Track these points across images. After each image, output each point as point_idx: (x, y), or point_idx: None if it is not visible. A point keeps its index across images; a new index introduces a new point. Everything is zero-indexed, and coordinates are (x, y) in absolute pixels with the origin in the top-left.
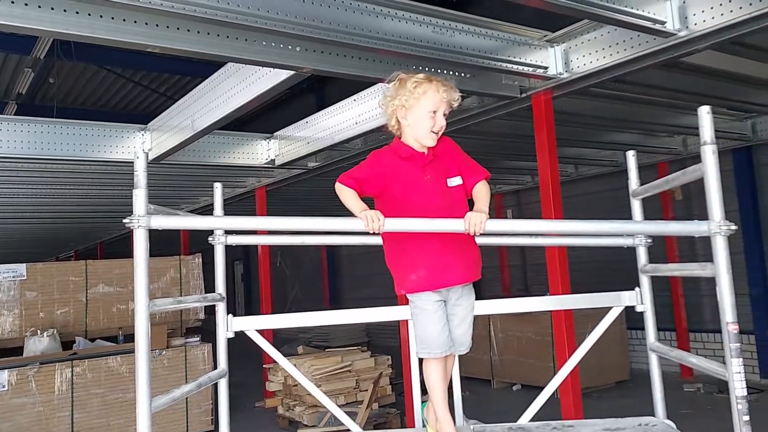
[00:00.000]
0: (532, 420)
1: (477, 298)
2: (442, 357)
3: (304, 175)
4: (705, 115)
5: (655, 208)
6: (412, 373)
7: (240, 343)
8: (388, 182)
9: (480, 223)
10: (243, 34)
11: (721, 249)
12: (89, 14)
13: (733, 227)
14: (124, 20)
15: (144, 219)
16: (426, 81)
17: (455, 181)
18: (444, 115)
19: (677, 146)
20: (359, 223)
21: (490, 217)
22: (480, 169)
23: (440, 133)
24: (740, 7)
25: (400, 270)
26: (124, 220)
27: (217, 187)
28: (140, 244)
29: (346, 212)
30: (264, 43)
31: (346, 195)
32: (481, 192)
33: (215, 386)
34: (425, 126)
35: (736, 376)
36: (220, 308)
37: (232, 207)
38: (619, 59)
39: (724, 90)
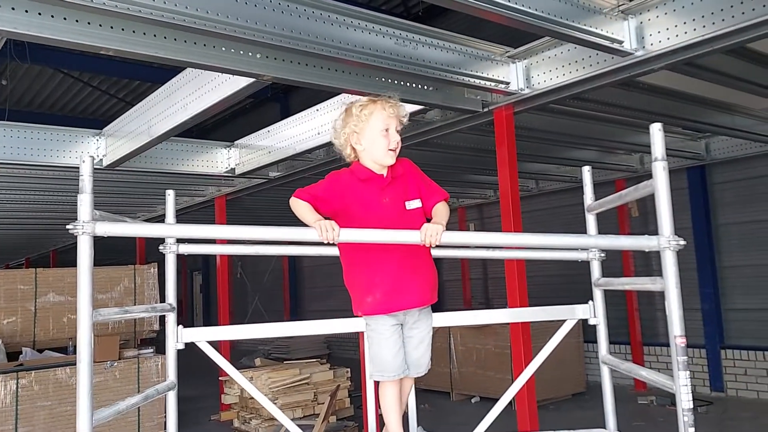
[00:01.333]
0: None
1: (438, 311)
2: (396, 380)
3: (266, 185)
4: (656, 132)
5: (612, 225)
6: (368, 386)
7: (199, 355)
8: (345, 203)
9: (436, 234)
10: (201, 39)
11: (670, 263)
12: (39, 13)
13: (682, 242)
14: (76, 21)
15: (89, 225)
16: (370, 102)
17: (414, 204)
18: (397, 131)
19: (634, 164)
20: (313, 233)
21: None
22: (439, 191)
23: (398, 150)
24: (694, 29)
25: (356, 291)
26: (68, 226)
27: (170, 194)
28: (84, 252)
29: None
30: (223, 48)
31: (301, 207)
32: (440, 210)
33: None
34: (381, 145)
35: (683, 388)
36: (170, 319)
37: (190, 216)
38: (579, 77)
39: (679, 110)
